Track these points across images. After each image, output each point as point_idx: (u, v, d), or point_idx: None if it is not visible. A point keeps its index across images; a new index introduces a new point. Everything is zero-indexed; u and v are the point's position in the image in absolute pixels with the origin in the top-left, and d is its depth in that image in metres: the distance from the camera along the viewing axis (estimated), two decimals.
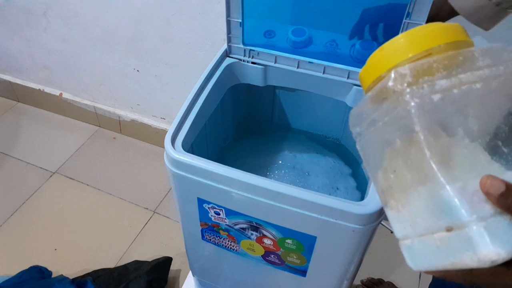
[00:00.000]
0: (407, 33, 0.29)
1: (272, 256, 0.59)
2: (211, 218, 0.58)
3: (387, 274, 0.95)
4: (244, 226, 0.56)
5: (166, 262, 0.94)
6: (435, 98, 0.26)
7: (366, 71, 0.32)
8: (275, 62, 0.64)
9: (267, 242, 0.56)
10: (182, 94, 1.11)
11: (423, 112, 0.26)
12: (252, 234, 0.56)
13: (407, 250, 0.29)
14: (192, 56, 0.98)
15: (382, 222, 1.02)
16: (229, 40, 0.64)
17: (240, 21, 0.61)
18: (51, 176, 1.21)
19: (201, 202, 0.56)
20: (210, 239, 0.63)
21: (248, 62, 0.66)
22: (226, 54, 0.66)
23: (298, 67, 0.63)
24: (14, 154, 1.28)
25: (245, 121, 0.83)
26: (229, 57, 0.66)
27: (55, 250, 1.02)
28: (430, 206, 0.26)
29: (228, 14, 0.61)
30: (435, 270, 0.27)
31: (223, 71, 0.65)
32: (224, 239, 0.61)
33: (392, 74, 0.28)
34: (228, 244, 0.62)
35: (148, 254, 0.99)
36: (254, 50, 0.64)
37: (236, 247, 0.61)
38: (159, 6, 0.92)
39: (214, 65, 0.64)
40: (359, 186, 0.74)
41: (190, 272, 0.88)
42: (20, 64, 1.34)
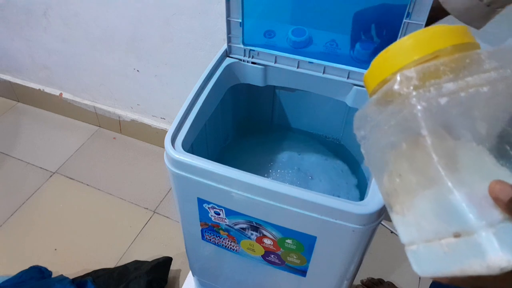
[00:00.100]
0: (413, 35, 0.29)
1: (272, 256, 0.59)
2: (211, 218, 0.58)
3: (387, 274, 0.95)
4: (244, 226, 0.56)
5: (166, 262, 0.94)
6: (442, 101, 0.26)
7: (371, 74, 0.31)
8: (275, 62, 0.64)
9: (267, 242, 0.56)
10: (182, 94, 1.11)
11: (430, 115, 0.26)
12: (252, 234, 0.56)
13: (413, 256, 0.28)
14: (192, 56, 0.98)
15: (382, 222, 1.02)
16: (229, 40, 0.64)
17: (240, 21, 0.61)
18: (51, 176, 1.21)
19: (201, 202, 0.56)
20: (210, 239, 0.63)
21: (248, 62, 0.66)
22: (226, 54, 0.66)
23: (298, 67, 0.63)
24: (14, 154, 1.28)
25: (245, 121, 0.83)
26: (229, 57, 0.66)
27: (55, 250, 1.02)
28: (437, 211, 0.26)
29: (228, 14, 0.61)
30: (442, 276, 0.26)
31: (223, 71, 0.65)
32: (224, 239, 0.61)
33: (398, 77, 0.27)
34: (228, 244, 0.62)
35: (148, 254, 0.99)
36: (254, 50, 0.64)
37: (236, 247, 0.61)
38: (159, 6, 0.92)
39: (214, 65, 0.64)
40: (359, 186, 0.74)
41: (190, 272, 0.88)
42: (20, 64, 1.34)
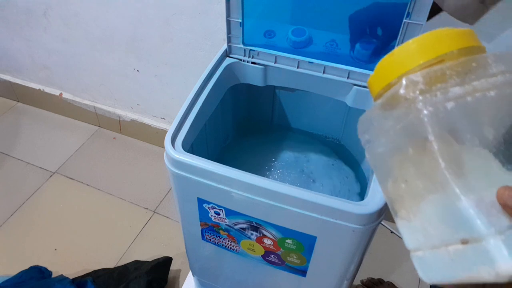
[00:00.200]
0: (418, 38, 0.28)
1: (272, 256, 0.59)
2: (211, 218, 0.58)
3: (387, 274, 0.95)
4: (244, 226, 0.56)
5: (166, 262, 0.94)
6: (449, 106, 0.25)
7: (376, 78, 0.30)
8: (275, 62, 0.64)
9: (267, 242, 0.56)
10: (182, 94, 1.11)
11: (437, 120, 0.25)
12: (252, 234, 0.56)
13: (419, 262, 0.28)
14: (192, 56, 0.98)
15: (382, 222, 1.02)
16: (229, 40, 0.64)
17: (240, 21, 0.61)
18: (51, 176, 1.21)
19: (201, 202, 0.56)
20: (210, 239, 0.63)
21: (248, 62, 0.66)
22: (226, 54, 0.66)
23: (298, 67, 0.63)
24: (14, 154, 1.28)
25: (245, 121, 0.83)
26: (229, 57, 0.66)
27: (55, 250, 1.02)
28: (444, 218, 0.25)
29: (228, 14, 0.61)
30: (449, 283, 0.26)
31: (223, 71, 0.65)
32: (224, 239, 0.61)
33: (403, 81, 0.27)
34: (228, 244, 0.62)
35: (148, 254, 0.99)
36: (254, 50, 0.64)
37: (236, 247, 0.61)
38: (159, 6, 0.92)
39: (214, 65, 0.64)
40: (359, 186, 0.74)
41: (190, 272, 0.88)
42: (20, 64, 1.34)
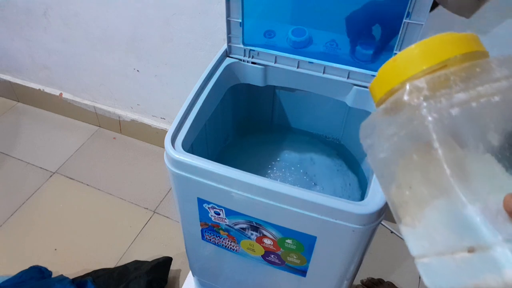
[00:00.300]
0: (421, 43, 0.28)
1: (272, 256, 0.59)
2: (211, 218, 0.58)
3: (387, 274, 0.95)
4: (244, 226, 0.56)
5: (166, 262, 0.94)
6: (454, 112, 0.25)
7: (378, 83, 0.30)
8: (275, 62, 0.64)
9: (267, 242, 0.56)
10: (182, 94, 1.11)
11: (442, 127, 0.25)
12: (252, 234, 0.56)
13: (424, 269, 0.28)
14: (192, 56, 0.98)
15: (382, 222, 1.02)
16: (229, 40, 0.64)
17: (240, 21, 0.61)
18: (51, 176, 1.21)
19: (201, 202, 0.56)
20: (210, 239, 0.63)
21: (248, 62, 0.66)
22: (226, 54, 0.66)
23: (298, 67, 0.63)
24: (14, 154, 1.28)
25: (245, 121, 0.83)
26: (229, 57, 0.66)
27: (55, 250, 1.02)
28: (450, 225, 0.25)
29: (228, 14, 0.61)
30: None
31: (223, 71, 0.65)
32: (224, 239, 0.61)
33: (407, 87, 0.27)
34: (228, 244, 0.62)
35: (148, 254, 0.99)
36: (254, 50, 0.64)
37: (236, 247, 0.61)
38: (159, 6, 0.92)
39: (214, 65, 0.64)
40: (359, 186, 0.74)
41: (190, 272, 0.88)
42: (20, 64, 1.34)
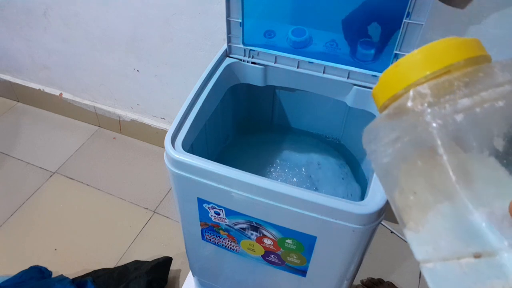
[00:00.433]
0: (424, 48, 0.28)
1: (272, 256, 0.59)
2: (211, 218, 0.58)
3: (387, 274, 0.95)
4: (244, 226, 0.56)
5: (166, 262, 0.94)
6: (458, 118, 0.25)
7: (380, 88, 0.30)
8: (275, 62, 0.64)
9: (267, 242, 0.56)
10: (182, 94, 1.11)
11: (446, 133, 0.25)
12: (252, 234, 0.56)
13: (429, 274, 0.27)
14: (192, 56, 0.98)
15: (382, 222, 1.02)
16: (229, 40, 0.64)
17: (240, 21, 0.61)
18: (51, 176, 1.21)
19: (201, 202, 0.56)
20: (210, 239, 0.63)
21: (248, 62, 0.66)
22: (226, 54, 0.66)
23: (298, 67, 0.63)
24: (14, 154, 1.28)
25: (245, 121, 0.83)
26: (229, 57, 0.66)
27: (55, 250, 1.02)
28: (455, 231, 0.25)
29: (228, 14, 0.61)
30: None
31: (223, 71, 0.65)
32: (224, 239, 0.61)
33: (411, 93, 0.26)
34: (228, 244, 0.62)
35: (148, 254, 0.99)
36: (254, 50, 0.64)
37: (236, 247, 0.61)
38: (159, 6, 0.92)
39: (214, 65, 0.64)
40: (359, 186, 0.74)
41: (190, 272, 0.88)
42: (20, 64, 1.34)
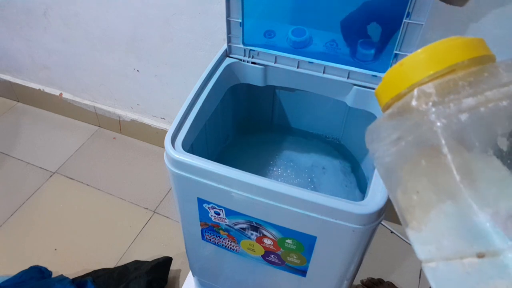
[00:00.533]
0: (428, 48, 0.28)
1: (272, 256, 0.59)
2: (211, 218, 0.58)
3: (387, 274, 0.95)
4: (244, 226, 0.56)
5: (166, 262, 0.94)
6: (463, 117, 0.25)
7: (384, 88, 0.30)
8: (275, 62, 0.64)
9: (267, 242, 0.56)
10: (182, 94, 1.11)
11: (451, 132, 0.25)
12: (252, 234, 0.56)
13: (432, 273, 0.27)
14: (192, 56, 0.98)
15: (382, 222, 1.02)
16: (229, 40, 0.64)
17: (240, 21, 0.61)
18: (51, 176, 1.21)
19: (201, 202, 0.56)
20: (210, 239, 0.63)
21: (248, 62, 0.66)
22: (226, 54, 0.66)
23: (298, 67, 0.63)
24: (14, 154, 1.28)
25: (245, 121, 0.83)
26: (229, 57, 0.66)
27: (55, 250, 1.02)
28: (459, 230, 0.25)
29: (228, 14, 0.61)
30: None
31: (223, 71, 0.65)
32: (224, 239, 0.61)
33: (415, 92, 0.26)
34: (228, 244, 0.62)
35: (148, 254, 0.99)
36: (254, 50, 0.64)
37: (236, 247, 0.61)
38: (159, 6, 0.92)
39: (214, 65, 0.64)
40: (359, 186, 0.74)
41: (190, 272, 0.88)
42: (20, 64, 1.34)
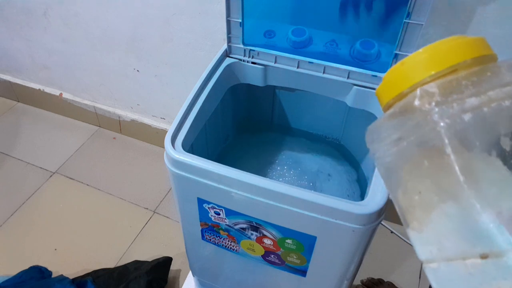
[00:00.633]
0: (430, 47, 0.28)
1: (272, 256, 0.59)
2: (211, 218, 0.58)
3: (387, 274, 0.95)
4: (244, 226, 0.56)
5: (166, 262, 0.94)
6: (466, 117, 0.24)
7: (385, 87, 0.29)
8: (275, 62, 0.64)
9: (267, 242, 0.56)
10: (182, 94, 1.11)
11: (454, 133, 0.25)
12: (252, 234, 0.56)
13: (433, 274, 0.27)
14: (192, 56, 0.98)
15: (382, 222, 1.02)
16: (229, 40, 0.64)
17: (240, 21, 0.61)
18: (51, 176, 1.21)
19: (201, 202, 0.56)
20: (210, 239, 0.63)
21: (248, 62, 0.66)
22: (226, 54, 0.66)
23: (298, 67, 0.63)
24: (14, 154, 1.28)
25: (245, 121, 0.83)
26: (229, 57, 0.66)
27: (55, 250, 1.02)
28: (461, 231, 0.25)
29: (228, 14, 0.61)
30: None
31: (223, 71, 0.65)
32: (224, 239, 0.61)
33: (418, 92, 0.26)
34: (228, 244, 0.62)
35: (148, 254, 0.99)
36: (254, 50, 0.64)
37: (236, 247, 0.61)
38: (159, 6, 0.92)
39: (214, 65, 0.64)
40: (359, 186, 0.74)
41: (190, 272, 0.88)
42: (20, 64, 1.34)
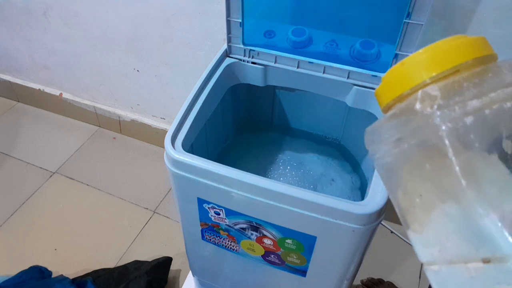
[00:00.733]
0: (430, 47, 0.27)
1: (272, 256, 0.59)
2: (211, 218, 0.58)
3: (387, 274, 0.95)
4: (244, 226, 0.56)
5: (166, 262, 0.94)
6: (468, 120, 0.24)
7: (385, 89, 0.29)
8: (275, 62, 0.64)
9: (267, 242, 0.56)
10: (182, 94, 1.11)
11: (456, 136, 0.24)
12: (252, 234, 0.56)
13: (434, 276, 0.27)
14: (192, 56, 0.98)
15: (382, 222, 1.02)
16: (229, 40, 0.64)
17: (240, 21, 0.61)
18: (51, 176, 1.21)
19: (201, 202, 0.56)
20: (210, 239, 0.63)
21: (248, 62, 0.66)
22: (226, 54, 0.66)
23: (298, 67, 0.63)
24: (14, 154, 1.28)
25: (245, 121, 0.83)
26: (229, 57, 0.66)
27: (55, 250, 1.02)
28: (463, 233, 0.25)
29: (228, 14, 0.61)
30: None
31: (223, 71, 0.65)
32: (224, 239, 0.61)
33: (419, 94, 0.26)
34: (228, 244, 0.62)
35: (148, 254, 0.99)
36: (254, 50, 0.64)
37: (236, 247, 0.61)
38: (159, 6, 0.92)
39: (214, 65, 0.64)
40: (359, 186, 0.74)
41: (190, 272, 0.88)
42: (20, 64, 1.34)
